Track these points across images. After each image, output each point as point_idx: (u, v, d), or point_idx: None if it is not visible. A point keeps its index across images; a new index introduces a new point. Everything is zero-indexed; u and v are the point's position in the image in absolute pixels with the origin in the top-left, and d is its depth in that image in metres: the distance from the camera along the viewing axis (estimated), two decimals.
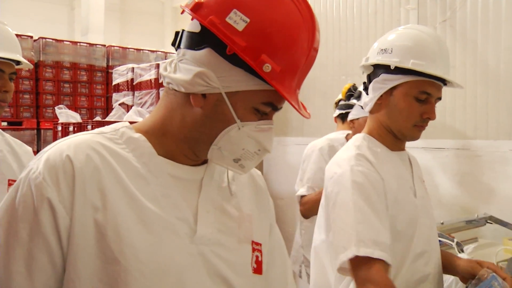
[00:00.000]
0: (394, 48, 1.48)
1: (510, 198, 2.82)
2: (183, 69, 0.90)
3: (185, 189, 0.94)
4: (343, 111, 2.92)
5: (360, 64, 1.59)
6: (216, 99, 0.89)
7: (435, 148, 3.20)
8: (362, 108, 2.45)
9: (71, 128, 4.23)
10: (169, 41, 1.04)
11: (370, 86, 1.55)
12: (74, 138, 0.89)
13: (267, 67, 0.85)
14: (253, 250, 1.01)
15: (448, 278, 1.87)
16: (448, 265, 1.59)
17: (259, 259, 1.01)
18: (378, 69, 1.51)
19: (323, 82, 3.90)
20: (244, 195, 1.06)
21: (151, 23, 14.24)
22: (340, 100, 3.01)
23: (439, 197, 3.08)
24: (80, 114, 6.04)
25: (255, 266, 1.00)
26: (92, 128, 3.95)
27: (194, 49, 0.89)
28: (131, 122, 0.98)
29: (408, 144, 1.62)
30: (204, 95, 0.89)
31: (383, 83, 1.50)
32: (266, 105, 0.90)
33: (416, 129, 1.50)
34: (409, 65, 1.43)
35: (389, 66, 1.46)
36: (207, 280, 0.91)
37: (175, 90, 0.92)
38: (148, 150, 0.92)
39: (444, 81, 1.49)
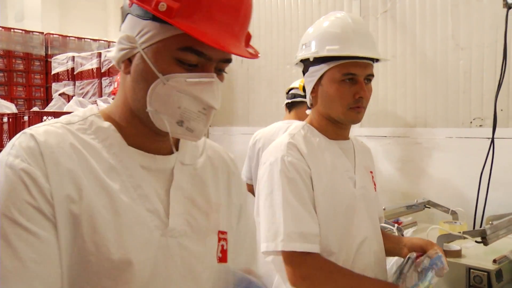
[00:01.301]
0: (312, 40, 1.53)
1: (446, 183, 2.93)
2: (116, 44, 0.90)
3: (156, 180, 0.92)
4: (290, 101, 2.94)
5: (294, 64, 1.63)
6: (137, 59, 0.87)
7: (378, 136, 3.28)
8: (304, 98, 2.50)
9: (5, 119, 4.03)
10: (113, 29, 1.01)
11: (305, 82, 1.59)
12: (43, 127, 0.86)
13: (162, 6, 0.81)
14: (219, 240, 1.00)
15: (389, 263, 1.92)
16: (396, 246, 1.64)
17: (225, 247, 1.01)
18: (306, 64, 1.55)
19: (268, 72, 3.90)
20: (215, 181, 1.04)
21: (93, 10, 13.74)
22: (290, 89, 3.02)
23: (381, 184, 3.14)
24: (17, 105, 5.78)
25: (220, 255, 0.99)
26: (29, 120, 3.79)
27: (122, 23, 0.90)
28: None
29: (352, 133, 1.64)
30: (130, 60, 0.88)
31: (312, 75, 1.53)
32: (186, 52, 0.84)
33: (352, 111, 1.50)
34: (324, 52, 1.47)
35: (313, 58, 1.50)
36: (175, 273, 0.90)
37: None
38: (118, 140, 0.90)
39: (372, 59, 1.51)
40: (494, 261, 1.91)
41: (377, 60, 1.55)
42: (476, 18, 2.88)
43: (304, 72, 1.60)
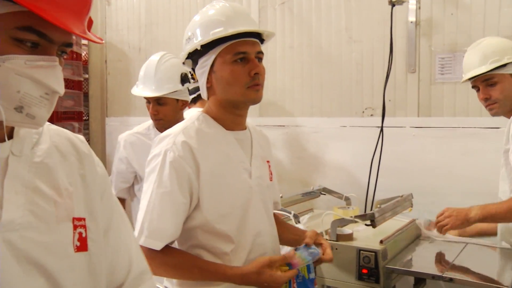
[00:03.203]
0: (193, 31, 1.52)
1: (341, 170, 3.07)
2: None
3: None
4: (194, 95, 2.91)
5: (182, 62, 1.61)
6: None
7: (276, 126, 3.34)
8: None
9: None
10: None
11: (197, 76, 1.56)
12: None
13: None
14: (75, 227, 0.93)
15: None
16: (298, 238, 1.67)
17: (83, 235, 0.94)
18: (195, 57, 1.53)
19: None
20: (65, 167, 0.96)
21: None
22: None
23: (280, 173, 3.22)
24: None
25: (78, 244, 0.93)
26: None
27: None
28: None
29: (251, 123, 1.65)
30: None
31: (203, 66, 1.51)
32: (26, 32, 0.78)
33: (251, 90, 1.48)
34: (210, 36, 1.46)
35: (200, 50, 1.48)
36: (16, 269, 0.82)
37: None
38: None
39: (258, 38, 1.52)
40: (381, 241, 2.02)
41: (262, 41, 1.55)
42: (366, 13, 3.03)
43: (194, 69, 1.57)
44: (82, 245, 0.93)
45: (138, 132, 2.66)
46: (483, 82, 2.13)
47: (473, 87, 2.22)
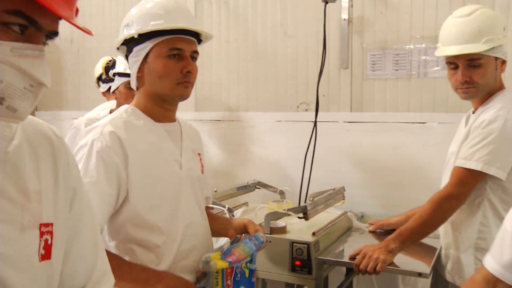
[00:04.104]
0: (134, 19, 1.51)
1: (276, 165, 3.10)
2: None
3: None
4: (109, 85, 2.86)
5: (116, 47, 1.59)
6: None
7: (212, 120, 3.33)
8: (119, 76, 2.45)
9: None
10: None
11: (129, 64, 1.55)
12: None
13: None
14: (41, 234, 0.84)
15: (220, 243, 1.98)
16: (224, 227, 1.69)
17: (49, 242, 0.86)
18: (130, 45, 1.52)
19: (100, 53, 3.68)
20: (35, 165, 0.87)
21: None
22: (101, 75, 3.01)
23: (215, 167, 3.22)
24: None
25: (43, 252, 0.84)
26: None
27: None
28: None
29: (186, 117, 1.64)
30: None
31: (137, 55, 1.51)
32: (14, 16, 0.72)
33: (180, 86, 1.50)
34: (149, 27, 1.46)
35: (136, 38, 1.48)
36: None
37: None
38: None
39: (196, 38, 1.54)
40: (313, 234, 2.07)
41: (200, 42, 1.57)
42: (301, 10, 3.07)
43: (127, 56, 1.56)
44: (46, 253, 0.86)
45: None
46: (467, 61, 1.86)
47: (449, 62, 1.93)
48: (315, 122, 2.85)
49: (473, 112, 2.00)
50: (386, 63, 2.88)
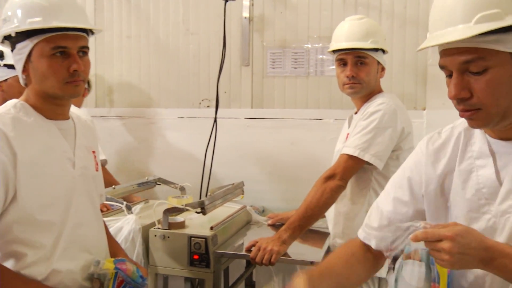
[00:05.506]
0: (12, 13, 1.40)
1: (178, 161, 3.10)
2: None
3: None
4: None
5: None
6: None
7: (113, 117, 3.26)
8: (9, 67, 2.28)
9: None
10: None
11: (14, 62, 1.45)
12: None
13: None
14: None
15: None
16: (114, 250, 1.68)
17: None
18: (12, 41, 1.41)
19: None
20: None
21: None
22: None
23: (117, 164, 3.15)
24: None
25: None
26: None
27: None
28: None
29: (88, 114, 1.59)
30: None
31: (20, 53, 1.40)
32: None
33: (69, 86, 1.42)
34: (26, 25, 1.36)
35: (29, 34, 1.37)
36: None
37: None
38: None
39: (85, 31, 1.45)
40: (211, 228, 2.10)
41: (92, 33, 1.49)
42: (202, 7, 3.09)
43: (12, 50, 1.44)
44: None
45: None
46: (355, 58, 2.06)
47: (340, 59, 2.11)
48: (215, 118, 2.88)
49: (355, 113, 2.17)
50: (285, 61, 2.98)
